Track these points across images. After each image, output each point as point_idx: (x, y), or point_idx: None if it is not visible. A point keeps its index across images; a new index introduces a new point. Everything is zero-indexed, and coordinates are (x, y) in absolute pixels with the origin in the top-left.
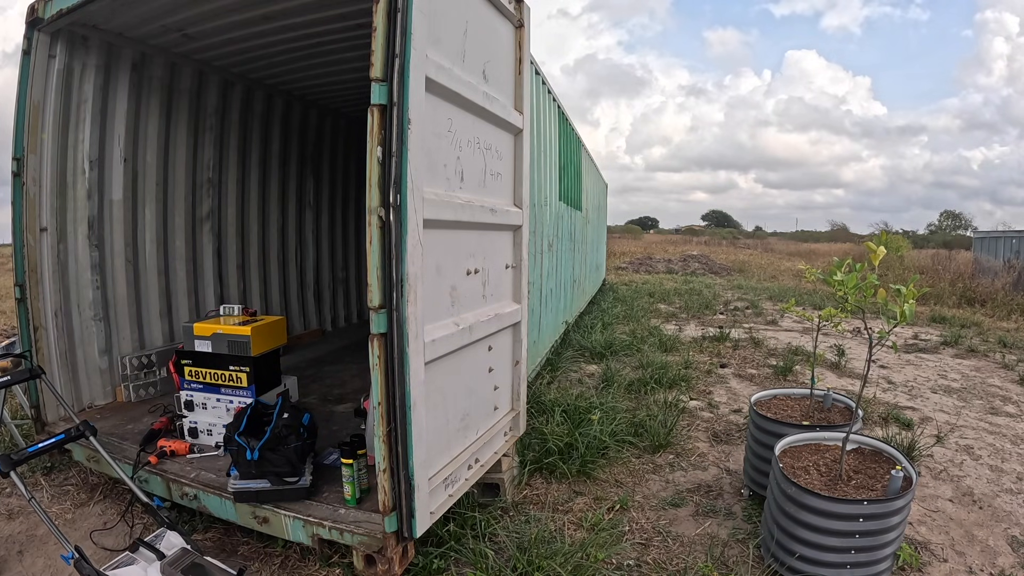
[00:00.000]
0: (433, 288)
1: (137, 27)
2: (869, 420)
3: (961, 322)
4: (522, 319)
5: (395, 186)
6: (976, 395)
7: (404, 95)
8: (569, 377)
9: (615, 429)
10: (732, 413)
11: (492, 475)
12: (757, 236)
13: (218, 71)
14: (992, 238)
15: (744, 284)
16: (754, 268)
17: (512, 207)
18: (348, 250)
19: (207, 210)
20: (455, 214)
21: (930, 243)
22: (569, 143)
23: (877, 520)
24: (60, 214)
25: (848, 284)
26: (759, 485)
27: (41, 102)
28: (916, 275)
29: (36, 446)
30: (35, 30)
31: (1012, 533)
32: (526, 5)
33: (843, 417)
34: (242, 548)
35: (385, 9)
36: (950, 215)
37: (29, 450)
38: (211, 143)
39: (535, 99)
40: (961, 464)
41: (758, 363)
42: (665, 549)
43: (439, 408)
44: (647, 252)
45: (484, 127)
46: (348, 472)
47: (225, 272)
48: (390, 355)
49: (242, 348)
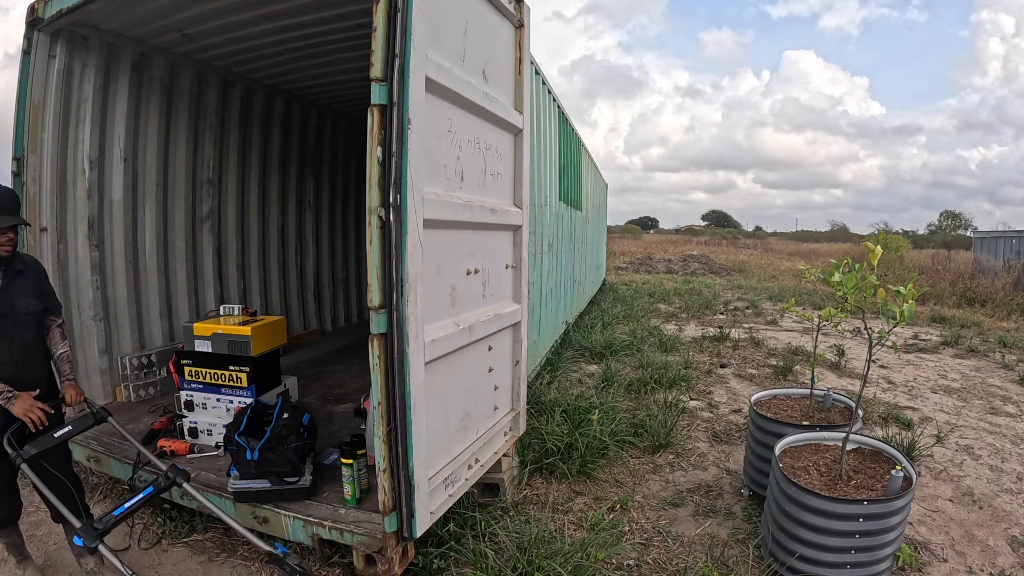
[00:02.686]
0: (433, 288)
1: (137, 27)
2: (869, 420)
3: (961, 322)
4: (522, 319)
5: (395, 186)
6: (976, 395)
7: (404, 95)
8: (569, 377)
9: (615, 429)
10: (732, 413)
11: (492, 475)
12: (757, 236)
13: (218, 71)
14: (992, 238)
15: (744, 284)
16: (754, 268)
17: (512, 207)
18: (348, 250)
19: (207, 210)
20: (455, 214)
21: (930, 243)
22: (569, 143)
23: (877, 520)
24: (60, 214)
25: (847, 284)
26: (759, 485)
27: (41, 102)
28: (914, 275)
29: (123, 507)
30: (35, 30)
31: (1012, 533)
32: (526, 5)
33: (843, 417)
34: (242, 548)
35: (385, 9)
36: (950, 215)
37: (115, 514)
38: (211, 143)
39: (535, 99)
40: (961, 464)
41: (758, 363)
42: (665, 549)
43: (439, 408)
44: (647, 252)
45: (484, 127)
46: (348, 472)
47: (225, 272)
48: (390, 355)
49: (242, 348)
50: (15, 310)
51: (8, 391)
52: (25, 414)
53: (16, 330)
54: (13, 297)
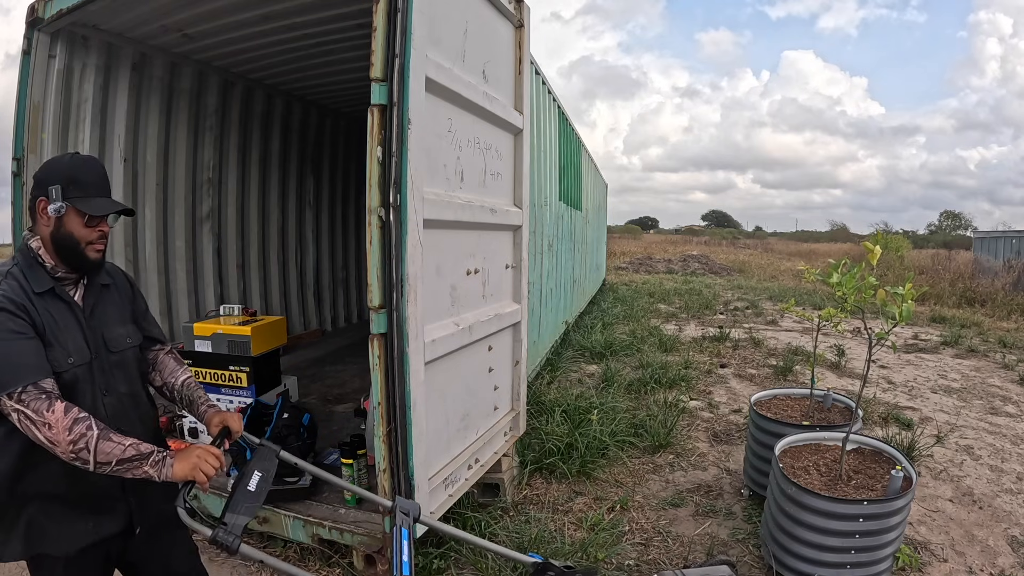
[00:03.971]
0: (433, 288)
1: (137, 27)
2: (869, 420)
3: (961, 322)
4: (522, 319)
5: (395, 186)
6: (976, 395)
7: (404, 95)
8: (569, 377)
9: (615, 429)
10: (732, 413)
11: (492, 475)
12: (757, 236)
13: (218, 71)
14: (992, 238)
15: (744, 284)
16: (754, 268)
17: (512, 207)
18: (348, 250)
19: (207, 210)
20: (455, 214)
21: (930, 243)
22: (569, 143)
23: (877, 520)
24: None
25: (847, 284)
26: (759, 485)
27: (41, 102)
28: (912, 274)
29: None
30: (35, 30)
31: (1012, 533)
32: (526, 5)
33: (843, 417)
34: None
35: (385, 9)
36: (950, 215)
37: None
38: (211, 143)
39: (535, 99)
40: (961, 464)
41: (758, 363)
42: (665, 549)
43: (439, 408)
44: (647, 252)
45: (484, 127)
46: (348, 472)
47: (225, 272)
48: (390, 355)
49: (242, 348)
50: (106, 347)
51: (159, 452)
52: (196, 470)
53: (107, 376)
54: (101, 325)
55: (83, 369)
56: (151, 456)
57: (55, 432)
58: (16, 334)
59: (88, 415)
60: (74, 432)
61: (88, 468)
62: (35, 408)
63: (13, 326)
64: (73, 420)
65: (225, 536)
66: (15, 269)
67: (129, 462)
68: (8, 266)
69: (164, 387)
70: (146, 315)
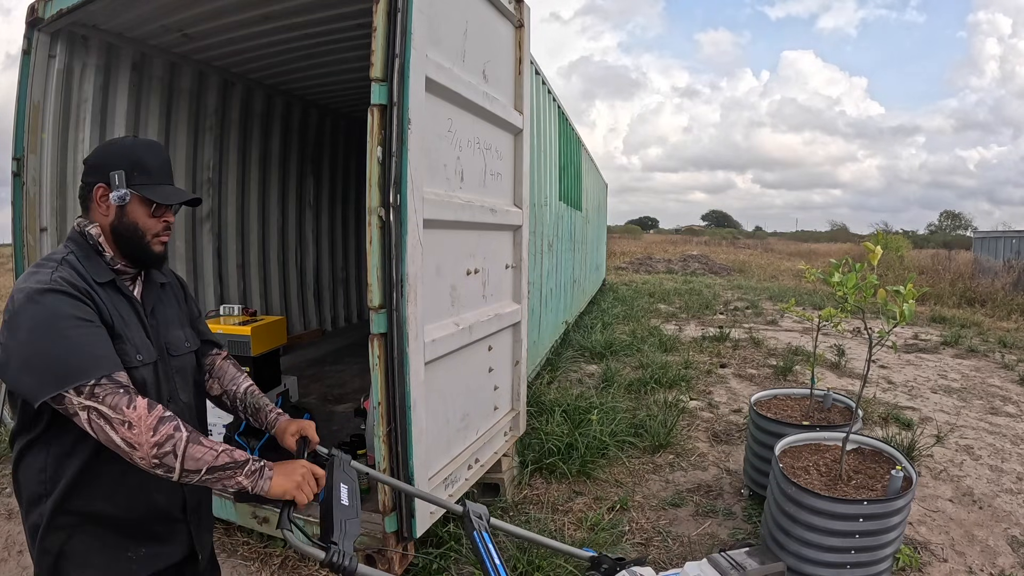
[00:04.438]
0: (433, 288)
1: (137, 27)
2: (869, 420)
3: (961, 322)
4: (522, 319)
5: (395, 186)
6: (976, 395)
7: (404, 95)
8: (569, 377)
9: (615, 429)
10: (732, 413)
11: (492, 475)
12: (757, 236)
13: (218, 71)
14: (992, 238)
15: (744, 284)
16: (754, 268)
17: (512, 207)
18: (348, 250)
19: (207, 210)
20: (455, 214)
21: (930, 243)
22: (569, 143)
23: (877, 520)
24: (60, 214)
25: (847, 284)
26: (759, 485)
27: (41, 102)
28: (913, 274)
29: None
30: (35, 30)
31: (1012, 533)
32: (526, 5)
33: (843, 417)
34: (242, 548)
35: (385, 9)
36: (950, 215)
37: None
38: (211, 143)
39: (535, 99)
40: (961, 464)
41: (758, 363)
42: (665, 549)
43: (439, 408)
44: (647, 252)
45: (484, 127)
46: None
47: (225, 272)
48: (390, 355)
49: (242, 348)
50: (168, 350)
51: (255, 461)
52: (299, 489)
53: (171, 382)
54: (161, 326)
55: (150, 370)
56: (246, 465)
57: (136, 432)
58: (83, 321)
59: (174, 415)
60: (160, 433)
61: (171, 477)
62: (112, 404)
63: (78, 312)
64: (158, 419)
65: (342, 559)
66: (71, 256)
67: (222, 470)
68: (63, 253)
69: (224, 395)
70: (200, 319)
